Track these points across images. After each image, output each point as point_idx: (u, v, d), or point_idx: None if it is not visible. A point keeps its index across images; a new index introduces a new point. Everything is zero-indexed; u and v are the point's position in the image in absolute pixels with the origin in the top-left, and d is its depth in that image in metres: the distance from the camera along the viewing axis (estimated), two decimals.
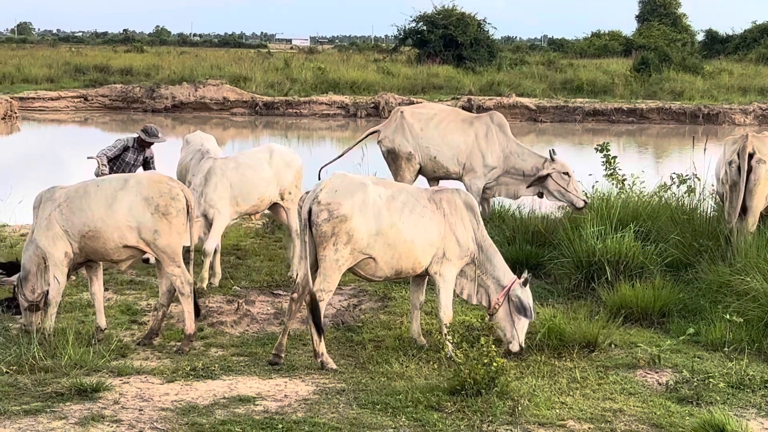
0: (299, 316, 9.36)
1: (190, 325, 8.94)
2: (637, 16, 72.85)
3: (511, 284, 8.87)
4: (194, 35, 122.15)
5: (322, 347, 8.45)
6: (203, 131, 13.51)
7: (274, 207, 11.80)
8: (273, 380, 8.11)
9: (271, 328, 9.70)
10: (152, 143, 12.64)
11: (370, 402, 7.52)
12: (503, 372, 7.64)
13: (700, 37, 71.85)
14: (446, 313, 8.81)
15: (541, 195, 12.88)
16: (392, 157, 13.25)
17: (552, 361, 8.64)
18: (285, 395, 7.74)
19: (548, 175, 12.48)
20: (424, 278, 9.08)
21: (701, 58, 52.41)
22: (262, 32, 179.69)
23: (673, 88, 41.51)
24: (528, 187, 12.76)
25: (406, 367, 8.36)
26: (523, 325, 8.85)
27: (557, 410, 7.47)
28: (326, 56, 57.14)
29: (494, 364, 7.55)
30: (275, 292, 10.97)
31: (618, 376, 8.34)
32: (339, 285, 11.10)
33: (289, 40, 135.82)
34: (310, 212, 8.33)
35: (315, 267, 8.46)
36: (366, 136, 13.68)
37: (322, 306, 8.39)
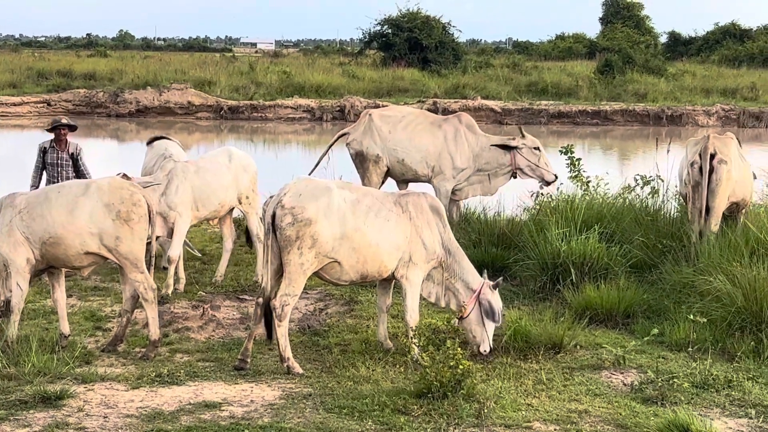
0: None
1: (154, 331, 8.89)
2: (600, 19, 73.28)
3: (481, 288, 8.88)
4: (158, 39, 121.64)
5: (288, 352, 8.43)
6: (168, 136, 13.43)
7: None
8: (239, 385, 8.08)
9: (237, 333, 9.67)
10: (60, 130, 12.08)
11: (336, 406, 7.51)
12: (469, 374, 7.65)
13: (663, 39, 72.55)
14: (412, 317, 8.81)
15: (515, 175, 12.99)
16: (360, 160, 13.26)
17: (518, 363, 8.66)
18: (251, 400, 7.72)
19: (516, 147, 12.66)
20: (390, 282, 9.08)
21: (664, 60, 52.82)
22: (226, 36, 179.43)
23: (636, 89, 41.78)
24: (502, 171, 12.89)
25: (373, 370, 8.36)
26: (491, 327, 8.87)
27: (523, 412, 7.49)
28: (291, 60, 57.08)
29: (460, 366, 7.56)
30: (241, 296, 10.93)
31: (583, 377, 8.38)
32: (305, 289, 11.09)
33: (254, 44, 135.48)
34: (274, 216, 8.31)
35: (280, 272, 8.44)
36: (336, 139, 13.68)
37: (288, 310, 8.37)
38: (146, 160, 12.45)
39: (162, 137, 12.87)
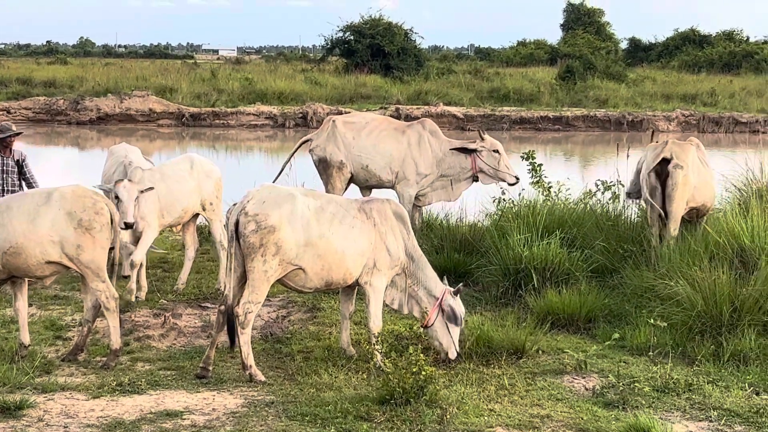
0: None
1: (116, 340, 8.82)
2: (561, 25, 73.75)
3: (443, 295, 8.90)
4: (119, 46, 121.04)
5: (250, 359, 8.40)
6: (129, 143, 13.36)
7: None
8: (201, 394, 8.04)
9: (199, 341, 9.62)
10: (7, 139, 12.11)
11: (299, 413, 7.49)
12: (432, 380, 7.66)
13: (623, 45, 73.13)
14: (376, 323, 8.81)
15: (476, 179, 13.02)
16: (323, 166, 13.24)
17: (480, 369, 8.68)
18: (213, 408, 7.68)
19: (476, 150, 12.69)
20: (353, 288, 9.07)
21: (625, 66, 53.30)
22: (188, 43, 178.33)
23: (597, 95, 42.12)
24: (465, 175, 12.92)
25: (336, 377, 8.34)
26: (456, 332, 8.89)
27: (486, 417, 7.51)
28: (253, 67, 56.97)
29: (423, 372, 7.56)
30: (203, 304, 10.88)
31: (545, 382, 8.41)
32: (268, 296, 11.06)
33: (216, 51, 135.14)
34: (237, 224, 8.29)
35: (244, 279, 8.41)
36: (299, 146, 13.64)
37: (251, 318, 8.35)
38: (106, 167, 12.36)
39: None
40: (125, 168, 11.53)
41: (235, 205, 8.64)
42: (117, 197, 10.30)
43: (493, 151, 12.84)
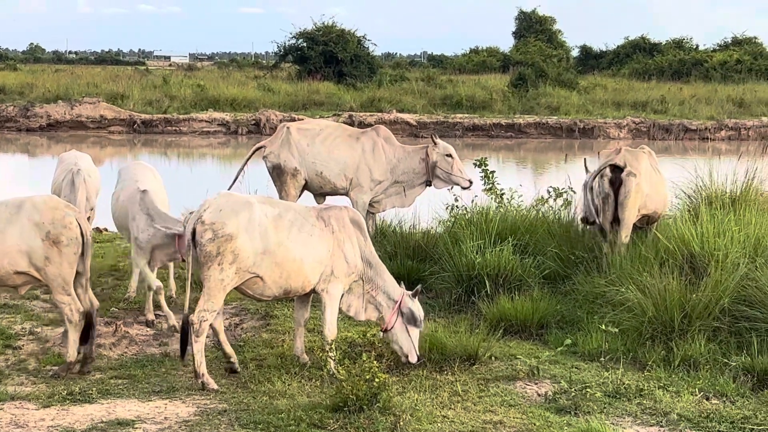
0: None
1: (72, 353, 8.70)
2: (513, 33, 74.13)
3: (402, 298, 8.91)
4: (70, 52, 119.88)
5: (203, 368, 8.35)
6: (79, 150, 13.26)
7: None
8: (153, 403, 7.99)
9: (151, 349, 9.55)
10: None
11: (252, 422, 7.46)
12: (385, 387, 7.66)
13: (575, 52, 73.58)
14: (331, 330, 8.79)
15: (429, 183, 13.04)
16: (277, 173, 13.20)
17: (434, 375, 8.69)
18: (165, 417, 7.63)
19: (434, 161, 12.74)
20: (309, 296, 9.05)
21: (576, 74, 53.71)
22: (140, 49, 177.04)
23: (549, 103, 42.38)
24: (419, 180, 12.94)
25: (289, 385, 8.32)
26: (416, 334, 8.90)
27: (439, 424, 7.52)
28: (206, 73, 56.76)
29: (376, 379, 7.57)
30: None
31: (498, 388, 8.44)
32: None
33: (168, 57, 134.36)
34: (194, 232, 8.24)
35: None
36: (252, 153, 13.58)
37: (206, 326, 8.30)
38: (56, 175, 12.27)
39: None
40: (73, 176, 11.46)
41: (191, 213, 8.60)
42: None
43: (446, 155, 12.87)
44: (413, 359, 8.84)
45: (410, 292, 8.97)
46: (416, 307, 8.92)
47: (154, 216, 10.13)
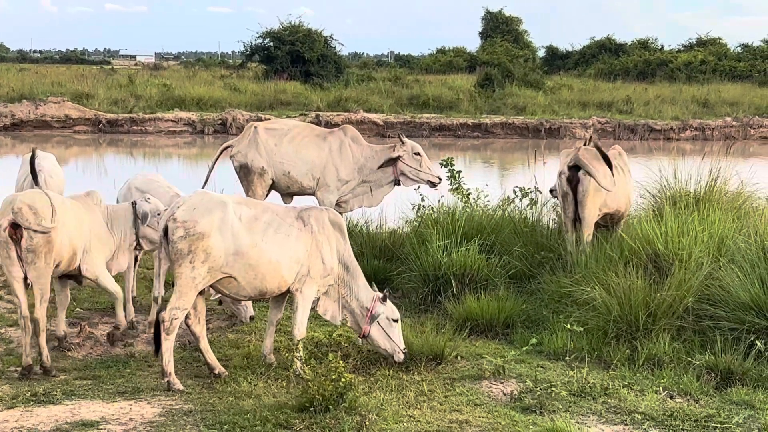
0: (145, 337, 9.20)
1: (24, 359, 8.65)
2: (480, 33, 74.45)
3: (373, 305, 8.90)
4: (34, 52, 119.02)
5: (170, 367, 8.31)
6: (44, 150, 13.17)
7: None
8: (117, 403, 7.94)
9: (116, 350, 9.51)
10: None
11: (217, 422, 7.43)
12: (351, 387, 7.65)
13: (541, 53, 74.03)
14: (300, 330, 8.74)
15: (398, 182, 13.03)
16: (244, 173, 13.15)
17: (400, 375, 8.70)
18: (130, 418, 7.58)
19: (399, 157, 12.70)
20: (285, 296, 9.02)
21: (542, 74, 53.95)
22: (105, 48, 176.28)
23: (516, 103, 42.54)
24: (386, 179, 12.92)
25: (255, 385, 8.29)
26: (395, 331, 8.91)
27: (405, 424, 7.52)
28: (172, 72, 56.49)
29: (342, 379, 7.56)
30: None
31: (464, 387, 8.46)
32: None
33: (134, 57, 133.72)
34: (166, 229, 8.23)
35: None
36: (221, 153, 13.53)
37: (176, 324, 8.27)
38: (19, 174, 12.19)
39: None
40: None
41: (166, 210, 8.57)
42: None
43: (414, 153, 12.87)
44: (399, 358, 8.86)
45: (380, 296, 8.95)
46: (389, 310, 8.91)
47: None
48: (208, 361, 8.68)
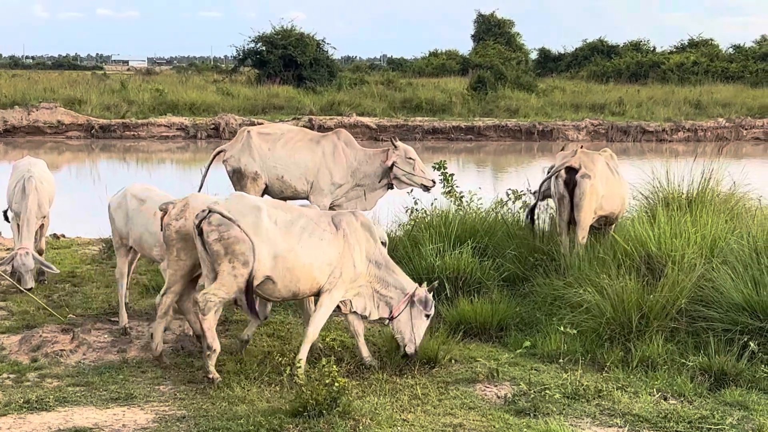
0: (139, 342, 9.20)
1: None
2: (472, 36, 74.42)
3: (414, 291, 9.05)
4: (26, 57, 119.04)
5: (216, 344, 8.51)
6: (36, 156, 13.16)
7: None
8: (110, 410, 7.92)
9: (109, 356, 9.47)
10: None
11: (211, 428, 7.41)
12: (345, 392, 7.64)
13: (533, 55, 74.09)
14: (314, 331, 8.83)
15: (391, 186, 13.01)
16: (237, 177, 13.14)
17: (394, 379, 8.69)
18: (123, 425, 7.57)
19: (394, 163, 12.68)
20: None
21: (535, 76, 54.02)
22: (97, 53, 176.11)
23: (508, 105, 42.57)
24: (380, 183, 12.90)
25: (248, 390, 8.28)
26: (421, 326, 9.05)
27: (399, 428, 7.51)
28: (164, 77, 56.43)
29: (336, 384, 7.55)
30: (112, 319, 10.72)
31: (458, 390, 8.45)
32: (178, 312, 10.97)
33: (126, 62, 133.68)
34: (201, 229, 8.40)
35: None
36: (214, 157, 13.52)
37: (210, 306, 8.39)
38: (10, 182, 12.19)
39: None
40: (24, 183, 11.40)
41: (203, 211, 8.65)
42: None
43: (408, 158, 12.84)
44: (410, 350, 9.00)
45: (427, 288, 9.16)
46: (427, 302, 9.08)
47: None
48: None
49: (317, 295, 8.99)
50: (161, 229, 8.94)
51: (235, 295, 8.49)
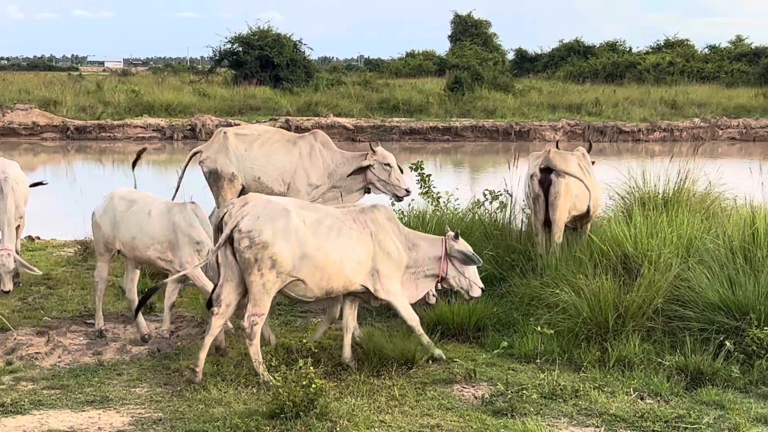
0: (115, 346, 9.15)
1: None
2: (449, 36, 74.54)
3: (445, 247, 9.25)
4: (1, 58, 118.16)
5: (261, 368, 8.53)
6: (10, 158, 13.09)
7: None
8: (86, 413, 7.87)
9: (85, 359, 9.42)
10: None
11: (187, 430, 7.38)
12: (322, 393, 7.62)
13: (510, 56, 74.20)
14: (412, 319, 9.19)
15: (368, 191, 12.98)
16: (214, 178, 13.09)
17: (371, 380, 8.68)
18: (99, 428, 7.52)
19: (369, 166, 12.64)
20: (355, 299, 9.29)
21: (512, 77, 54.08)
22: (73, 54, 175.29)
23: (485, 106, 42.63)
24: (357, 186, 12.86)
25: (225, 392, 8.24)
26: (472, 271, 9.34)
27: (376, 429, 7.50)
28: (140, 78, 56.19)
29: (313, 385, 7.53)
30: (88, 321, 10.67)
31: (435, 391, 8.44)
32: (155, 312, 10.94)
33: (102, 63, 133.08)
34: (231, 237, 8.46)
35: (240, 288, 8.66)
36: (190, 159, 13.46)
37: (257, 330, 8.51)
38: None
39: None
40: (1, 184, 11.32)
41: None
42: None
43: (385, 164, 12.77)
44: (476, 293, 9.43)
45: (452, 235, 9.35)
46: (463, 247, 9.30)
47: None
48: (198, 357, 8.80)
49: (351, 294, 9.13)
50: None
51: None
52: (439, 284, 9.42)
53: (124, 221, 9.90)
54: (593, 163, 12.32)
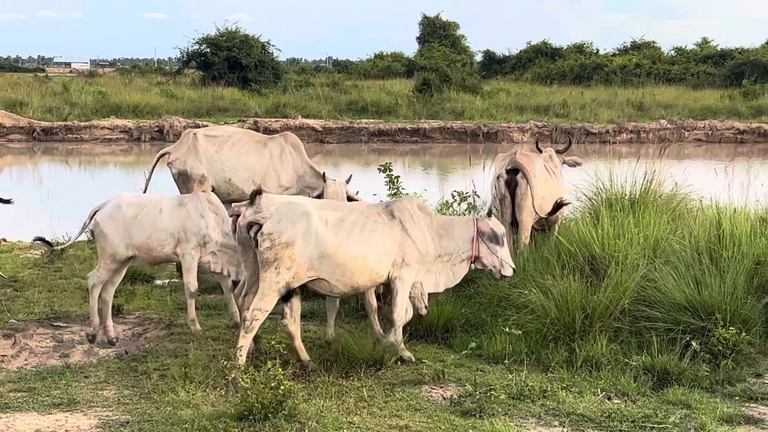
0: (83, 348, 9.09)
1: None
2: (418, 38, 74.71)
3: (476, 227, 9.41)
4: None
5: (242, 360, 8.53)
6: None
7: None
8: (53, 415, 7.82)
9: (51, 361, 9.36)
10: None
11: None
12: (291, 395, 7.61)
13: (478, 57, 74.37)
14: (400, 314, 9.24)
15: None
16: (183, 180, 13.06)
17: (340, 381, 8.67)
18: (66, 431, 7.47)
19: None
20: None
21: (480, 79, 54.26)
22: (39, 55, 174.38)
23: (454, 107, 42.74)
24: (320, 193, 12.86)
25: (193, 395, 8.21)
26: (501, 249, 9.44)
27: (345, 430, 7.49)
28: (107, 80, 55.85)
29: (282, 387, 7.51)
30: (55, 324, 10.60)
31: (404, 392, 8.44)
32: (122, 313, 10.90)
33: (69, 64, 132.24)
34: (256, 239, 8.61)
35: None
36: (157, 160, 13.41)
37: (256, 325, 8.61)
38: None
39: None
40: None
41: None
42: None
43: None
44: (508, 272, 9.49)
45: (484, 214, 9.56)
46: (495, 225, 9.47)
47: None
48: (302, 359, 9.04)
49: (386, 285, 9.30)
50: (234, 231, 8.93)
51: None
52: (472, 264, 9.49)
53: (136, 225, 9.87)
54: (579, 165, 12.45)
